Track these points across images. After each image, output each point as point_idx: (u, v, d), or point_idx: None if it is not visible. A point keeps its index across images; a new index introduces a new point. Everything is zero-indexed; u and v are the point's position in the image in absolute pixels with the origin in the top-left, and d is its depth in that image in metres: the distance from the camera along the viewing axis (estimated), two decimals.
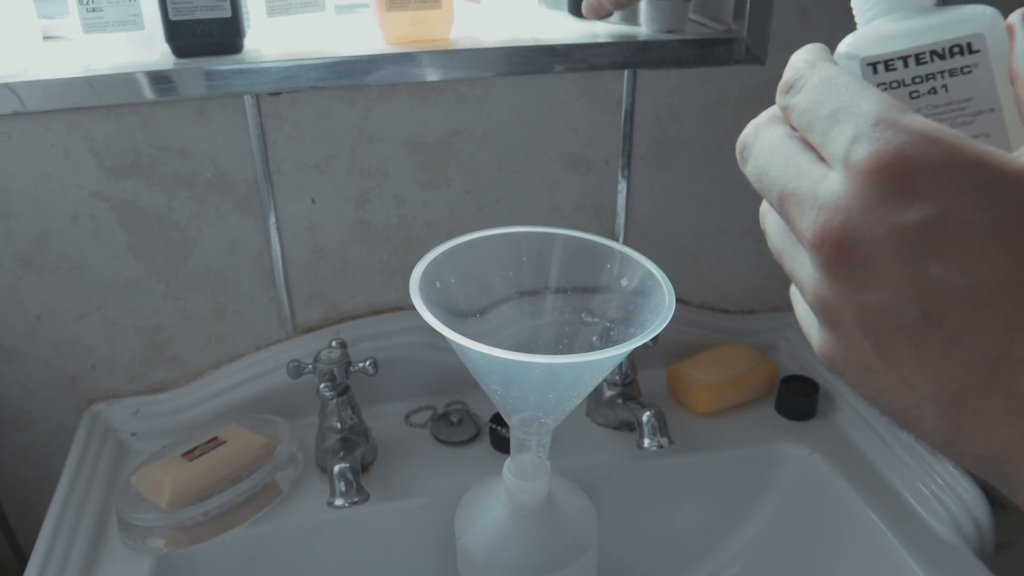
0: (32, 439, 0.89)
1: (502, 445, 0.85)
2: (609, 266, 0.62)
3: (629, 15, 0.88)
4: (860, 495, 0.78)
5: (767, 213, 0.31)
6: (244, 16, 0.76)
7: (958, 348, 0.24)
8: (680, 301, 0.55)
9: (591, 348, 0.64)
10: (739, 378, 0.90)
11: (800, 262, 0.28)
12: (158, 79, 0.73)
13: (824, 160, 0.26)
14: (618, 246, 0.62)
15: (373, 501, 0.75)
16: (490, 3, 0.82)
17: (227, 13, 0.74)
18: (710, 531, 0.88)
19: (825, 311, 0.26)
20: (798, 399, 0.89)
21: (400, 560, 0.81)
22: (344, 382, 0.79)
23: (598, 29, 0.84)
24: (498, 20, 0.83)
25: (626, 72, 0.83)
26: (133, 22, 0.73)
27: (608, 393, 0.86)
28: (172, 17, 0.72)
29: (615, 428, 0.88)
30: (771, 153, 0.28)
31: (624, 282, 0.62)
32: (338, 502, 0.73)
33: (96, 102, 0.73)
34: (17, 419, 0.87)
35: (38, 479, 0.91)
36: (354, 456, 0.78)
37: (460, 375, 0.89)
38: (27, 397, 0.86)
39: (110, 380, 0.87)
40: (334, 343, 0.80)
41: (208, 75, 0.73)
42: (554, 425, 0.61)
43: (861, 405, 0.87)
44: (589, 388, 0.59)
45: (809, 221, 0.25)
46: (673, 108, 0.86)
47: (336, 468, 0.74)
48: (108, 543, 0.74)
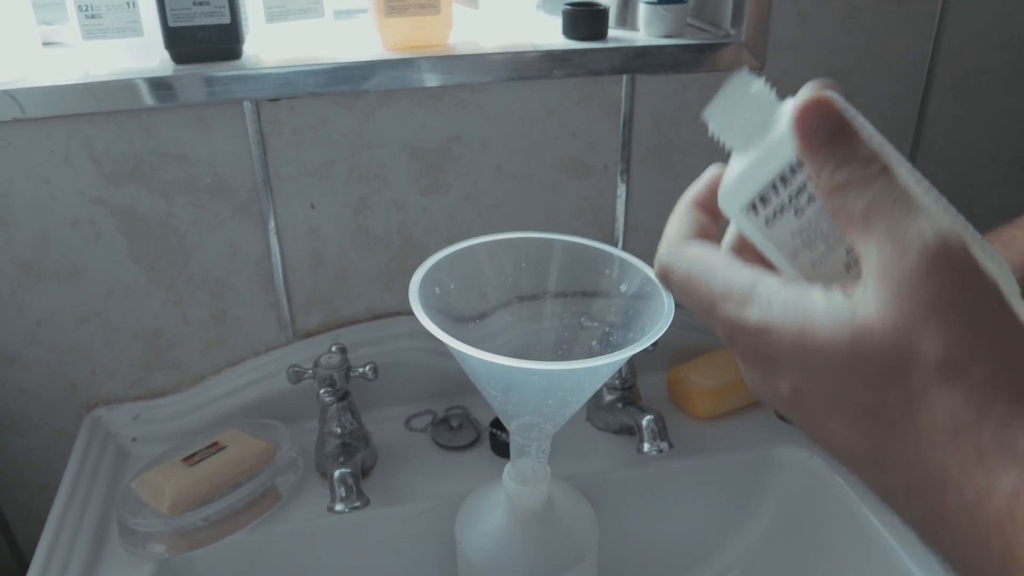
0: (33, 444, 0.89)
1: (502, 450, 0.85)
2: (608, 271, 0.62)
3: (628, 20, 0.88)
4: (860, 498, 0.78)
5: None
6: (243, 22, 0.76)
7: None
8: (679, 305, 0.55)
9: (590, 353, 0.65)
10: (739, 382, 0.90)
11: None
12: (157, 85, 0.73)
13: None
14: (617, 251, 0.62)
15: (373, 506, 0.75)
16: (489, 9, 0.82)
17: (226, 19, 0.74)
18: (710, 535, 0.88)
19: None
20: None
21: (401, 565, 0.81)
22: (344, 387, 0.79)
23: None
24: (497, 26, 0.83)
25: (625, 77, 0.83)
26: (132, 28, 0.73)
27: (608, 397, 0.86)
28: (171, 23, 0.73)
29: (615, 432, 0.88)
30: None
31: (623, 287, 0.62)
32: (338, 507, 0.74)
33: (96, 108, 0.73)
34: (18, 424, 0.87)
35: (39, 484, 0.91)
36: (354, 461, 0.78)
37: (460, 380, 0.89)
38: (28, 402, 0.86)
39: (110, 385, 0.87)
40: (334, 348, 0.81)
41: (207, 81, 0.73)
42: (554, 430, 0.61)
43: None
44: (589, 393, 0.59)
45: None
46: (672, 113, 0.86)
47: (336, 473, 0.75)
48: (108, 548, 0.74)
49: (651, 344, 0.53)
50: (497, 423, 0.86)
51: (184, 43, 0.74)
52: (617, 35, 0.85)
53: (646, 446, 0.80)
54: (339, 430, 0.80)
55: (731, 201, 0.33)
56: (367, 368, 0.79)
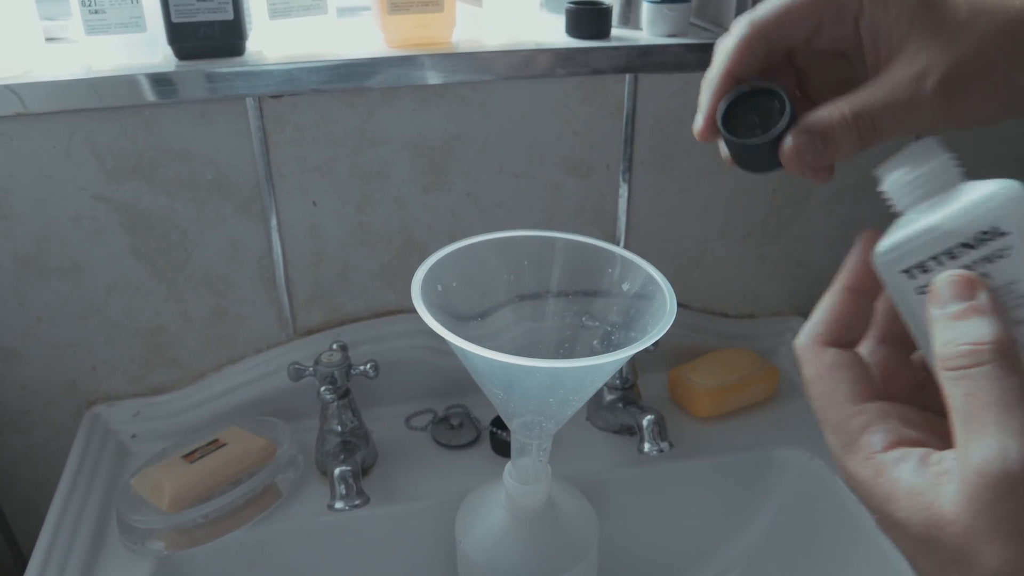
0: (32, 440, 0.89)
1: (503, 449, 0.85)
2: (610, 270, 0.62)
3: (631, 19, 0.88)
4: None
5: None
6: (246, 19, 0.76)
7: None
8: (680, 305, 0.55)
9: (592, 352, 0.64)
10: (739, 382, 0.90)
11: None
12: (160, 81, 0.73)
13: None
14: (619, 250, 0.62)
15: (373, 504, 0.75)
16: (492, 7, 0.82)
17: (229, 15, 0.74)
18: (710, 535, 0.88)
19: None
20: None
21: (400, 563, 0.81)
22: (345, 385, 0.79)
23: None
24: (500, 24, 0.83)
25: (627, 76, 0.83)
26: (135, 24, 0.73)
27: (609, 397, 0.86)
28: (174, 19, 0.73)
29: (615, 432, 0.88)
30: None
31: (625, 286, 0.62)
32: (338, 505, 0.73)
33: (98, 104, 0.73)
34: (17, 420, 0.87)
35: (38, 481, 0.91)
36: (354, 459, 0.78)
37: (461, 378, 0.89)
38: (27, 398, 0.86)
39: (111, 382, 0.87)
40: (335, 346, 0.80)
41: (210, 77, 0.73)
42: (555, 429, 0.61)
43: None
44: (590, 392, 0.59)
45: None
46: (674, 112, 0.86)
47: (336, 471, 0.74)
48: (108, 545, 0.74)
49: (652, 344, 0.53)
50: (497, 422, 0.86)
51: (187, 39, 0.74)
52: (620, 34, 0.85)
53: (647, 446, 0.79)
54: (339, 428, 0.80)
55: (889, 262, 0.33)
56: (368, 366, 0.79)
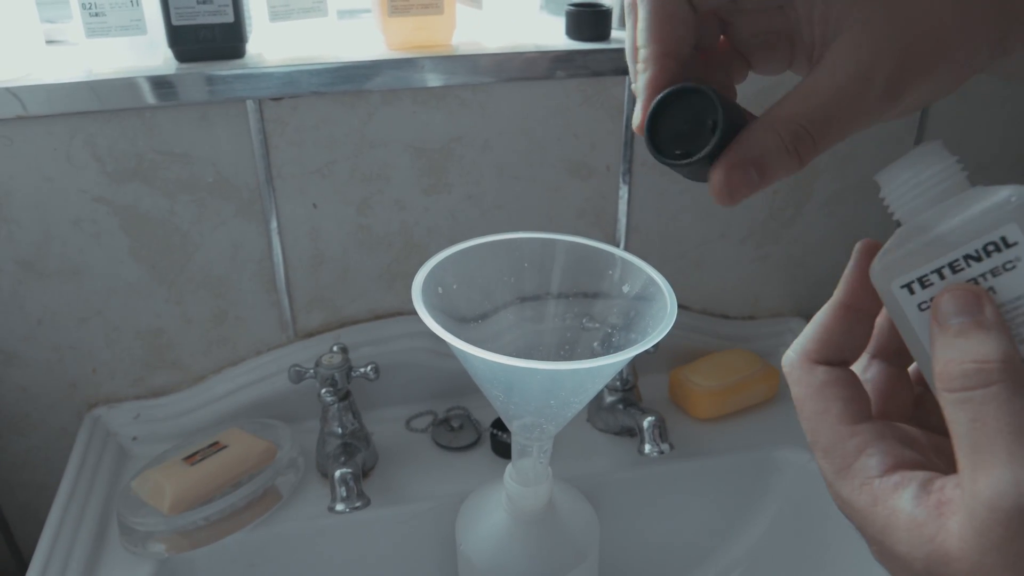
0: (33, 443, 0.89)
1: (503, 450, 0.85)
2: (611, 272, 0.62)
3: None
4: None
5: None
6: (246, 21, 0.76)
7: None
8: (681, 306, 0.55)
9: (592, 354, 0.65)
10: (740, 384, 0.90)
11: None
12: (160, 84, 0.73)
13: None
14: (620, 252, 0.62)
15: (374, 506, 0.75)
16: (492, 9, 0.82)
17: (229, 18, 0.74)
18: (710, 537, 0.88)
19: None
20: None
21: (401, 566, 0.81)
22: (345, 387, 0.79)
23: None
24: (500, 26, 0.83)
25: (628, 78, 0.83)
26: (136, 27, 0.73)
27: (609, 399, 0.86)
28: (175, 22, 0.73)
29: (616, 434, 0.88)
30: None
31: (626, 288, 0.62)
32: (339, 507, 0.74)
33: (98, 107, 0.73)
34: (18, 423, 0.87)
35: (38, 483, 0.91)
36: (355, 461, 0.78)
37: (461, 380, 0.89)
38: (28, 401, 0.86)
39: (111, 384, 0.87)
40: (335, 348, 0.80)
41: (210, 80, 0.73)
42: (556, 431, 0.61)
43: None
44: (591, 394, 0.59)
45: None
46: None
47: (337, 473, 0.75)
48: (109, 548, 0.74)
49: (653, 345, 0.53)
50: (498, 424, 0.86)
51: (187, 42, 0.74)
52: (620, 36, 0.85)
53: (647, 447, 0.80)
54: (340, 430, 0.80)
55: (888, 276, 0.31)
56: (368, 368, 0.79)
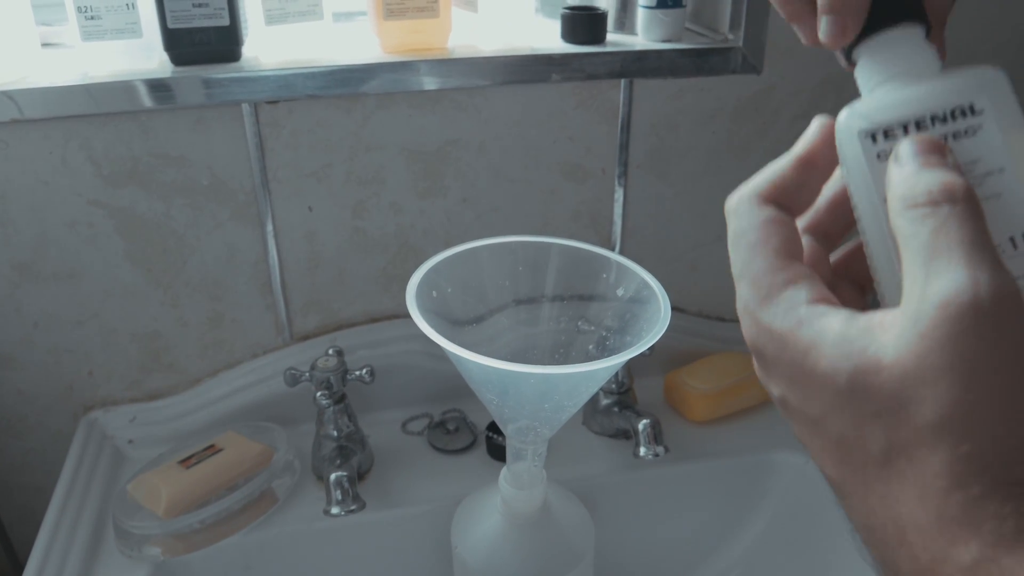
0: (29, 446, 0.89)
1: (499, 453, 0.85)
2: (605, 275, 0.62)
3: (627, 24, 0.88)
4: None
5: None
6: (242, 24, 0.76)
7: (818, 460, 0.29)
8: (676, 309, 0.56)
9: (587, 357, 0.65)
10: (735, 386, 0.90)
11: None
12: (156, 87, 0.73)
13: None
14: (614, 256, 0.62)
15: (369, 509, 0.75)
16: (488, 12, 0.82)
17: (225, 21, 0.74)
18: (706, 540, 0.88)
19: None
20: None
21: (396, 568, 0.81)
22: (341, 390, 0.79)
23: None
24: (495, 29, 0.83)
25: (623, 81, 0.84)
26: (131, 30, 0.73)
27: (604, 401, 0.86)
28: (170, 25, 0.73)
29: (611, 436, 0.88)
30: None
31: (620, 291, 0.62)
32: (334, 510, 0.74)
33: (94, 110, 0.73)
34: (14, 426, 0.87)
35: (35, 486, 0.91)
36: (351, 464, 0.78)
37: (457, 383, 0.89)
38: (24, 404, 0.86)
39: (107, 387, 0.87)
40: (331, 351, 0.81)
41: (206, 83, 0.73)
42: (550, 434, 0.61)
43: None
44: (585, 398, 0.59)
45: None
46: (670, 117, 0.87)
47: (332, 476, 0.75)
48: (105, 551, 0.74)
49: (647, 348, 0.53)
50: (493, 427, 0.86)
51: (183, 45, 0.74)
52: (615, 39, 0.85)
53: (642, 450, 0.80)
54: (335, 433, 0.80)
55: (852, 125, 0.31)
56: (364, 371, 0.79)
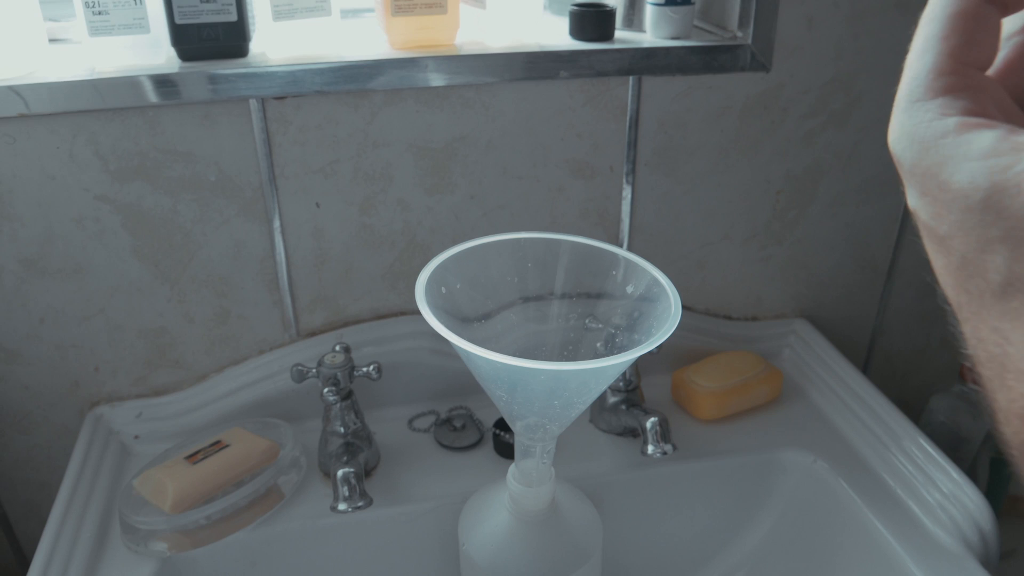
0: (35, 441, 0.89)
1: (505, 451, 0.85)
2: (615, 273, 0.62)
3: (635, 21, 0.88)
4: (864, 503, 0.78)
5: None
6: (250, 20, 0.76)
7: (957, 278, 0.26)
8: (684, 307, 0.55)
9: (595, 354, 0.64)
10: (743, 385, 0.90)
11: None
12: (163, 83, 0.73)
13: None
14: (625, 253, 0.62)
15: (376, 506, 0.75)
16: (496, 9, 0.82)
17: (233, 17, 0.74)
18: (713, 538, 0.88)
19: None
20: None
21: (403, 565, 0.81)
22: (348, 386, 0.79)
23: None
24: (504, 26, 0.83)
25: (631, 78, 0.83)
26: (139, 25, 0.73)
27: (612, 399, 0.86)
28: (178, 21, 0.73)
29: (618, 434, 0.88)
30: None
31: (630, 288, 0.62)
32: (341, 507, 0.73)
33: (101, 105, 0.73)
34: (20, 421, 0.87)
35: (40, 482, 0.91)
36: (357, 461, 0.78)
37: (463, 380, 0.89)
38: (30, 399, 0.86)
39: (113, 383, 0.87)
40: (338, 347, 0.80)
41: (213, 79, 0.73)
42: (559, 431, 0.61)
43: (865, 413, 0.87)
44: (595, 395, 0.59)
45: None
46: (678, 115, 0.86)
47: (339, 473, 0.74)
48: (111, 546, 0.74)
49: (656, 346, 0.53)
50: (500, 424, 0.86)
51: (190, 40, 0.74)
52: (624, 36, 0.85)
53: (650, 448, 0.79)
54: (342, 430, 0.80)
55: None
56: (371, 368, 0.79)
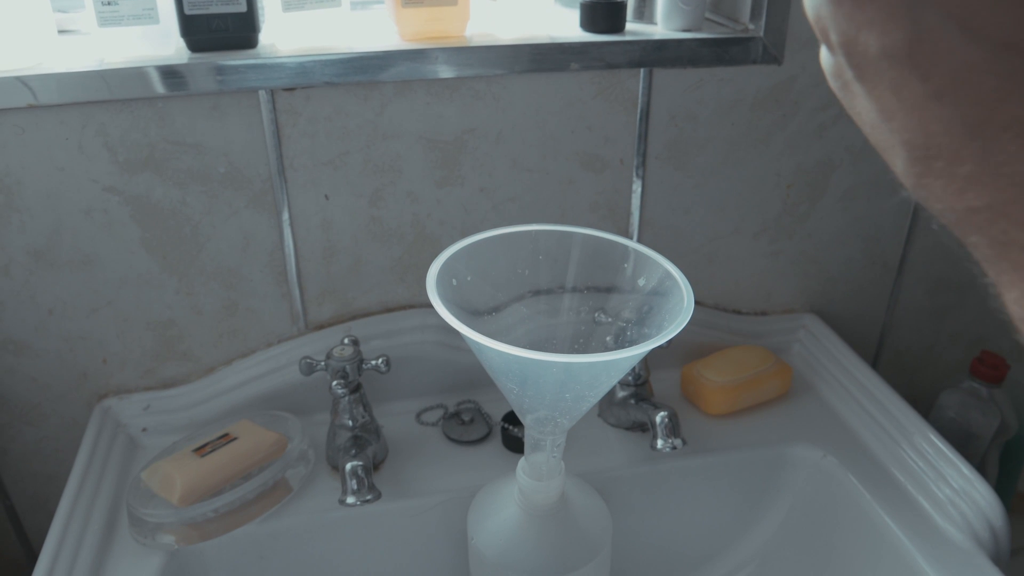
0: (43, 434, 0.89)
1: (514, 445, 0.84)
2: (626, 266, 0.62)
3: (646, 13, 0.87)
4: (874, 499, 0.78)
5: None
6: (259, 11, 0.76)
7: (938, 104, 0.23)
8: (694, 302, 0.55)
9: (606, 348, 0.64)
10: (752, 379, 0.90)
11: None
12: (172, 74, 0.72)
13: None
14: (637, 246, 0.61)
15: (384, 499, 0.75)
16: (506, 0, 0.82)
17: (242, 8, 0.74)
18: (723, 533, 0.87)
19: (816, 23, 0.26)
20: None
21: (411, 559, 0.81)
22: (356, 379, 0.79)
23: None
24: (514, 17, 0.82)
25: (642, 71, 0.83)
26: (148, 16, 0.73)
27: (621, 394, 0.86)
28: (187, 11, 0.72)
29: (628, 429, 0.87)
30: None
31: (641, 282, 0.61)
32: (350, 500, 0.73)
33: (110, 96, 0.72)
34: (28, 413, 0.87)
35: (48, 474, 0.91)
36: (365, 454, 0.77)
37: (472, 374, 0.89)
38: (38, 391, 0.86)
39: (121, 375, 0.86)
40: (346, 340, 0.80)
41: (222, 70, 0.73)
42: (569, 425, 0.61)
43: (875, 408, 0.87)
44: (606, 388, 0.59)
45: None
46: (689, 107, 0.86)
47: (348, 466, 0.74)
48: (118, 539, 0.74)
49: (666, 340, 0.52)
50: (508, 417, 0.86)
51: (200, 31, 0.73)
52: (635, 28, 0.85)
53: (659, 443, 0.79)
54: (351, 423, 0.79)
55: None
56: (379, 361, 0.79)
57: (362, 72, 0.76)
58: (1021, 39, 0.21)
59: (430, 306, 0.53)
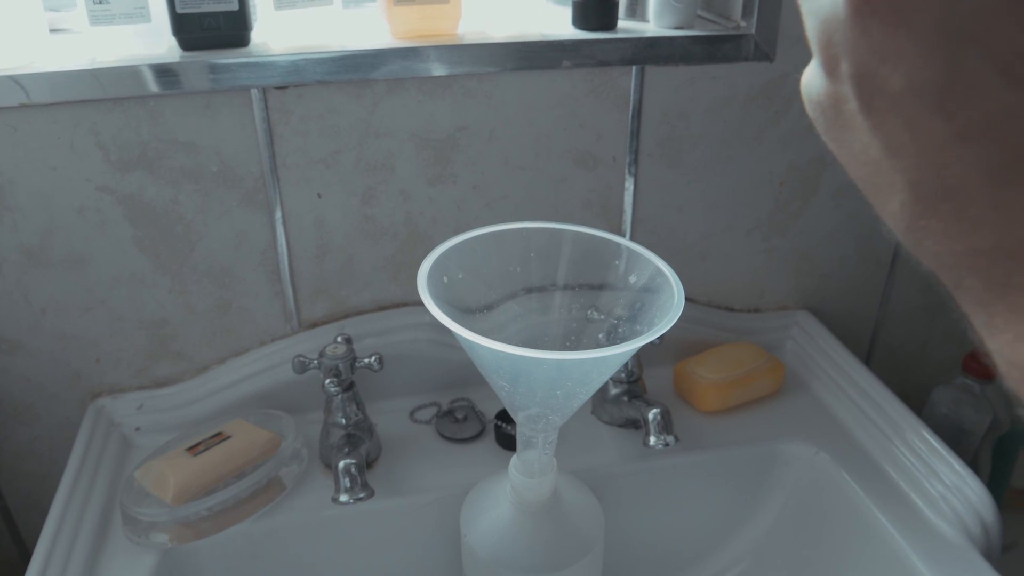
0: (36, 433, 0.89)
1: (507, 442, 0.84)
2: (618, 263, 0.62)
3: (638, 11, 0.87)
4: (866, 495, 0.78)
5: None
6: (251, 10, 0.76)
7: (962, 145, 0.22)
8: (686, 299, 0.55)
9: (598, 345, 0.64)
10: (745, 376, 0.90)
11: None
12: (164, 72, 0.72)
13: None
14: (628, 243, 0.61)
15: (378, 497, 0.75)
16: None
17: (234, 6, 0.73)
18: (715, 529, 0.88)
19: (824, 48, 0.23)
20: None
21: (405, 557, 0.81)
22: (349, 378, 0.79)
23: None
24: (506, 15, 0.82)
25: (634, 68, 0.83)
26: (140, 15, 0.73)
27: (613, 391, 0.86)
28: (179, 10, 0.72)
29: (620, 426, 0.87)
30: None
31: (633, 279, 0.61)
32: (343, 498, 0.73)
33: (102, 95, 0.72)
34: (21, 413, 0.87)
35: (41, 473, 0.91)
36: (359, 452, 0.77)
37: (465, 371, 0.89)
38: (31, 391, 0.86)
39: (114, 374, 0.86)
40: (339, 339, 0.80)
41: (214, 68, 0.73)
42: (561, 422, 0.61)
43: (868, 405, 0.87)
44: (597, 385, 0.59)
45: None
46: (681, 105, 0.86)
47: (341, 464, 0.74)
48: (112, 538, 0.74)
49: (658, 337, 0.52)
50: (501, 415, 0.86)
51: (192, 30, 0.73)
52: (627, 26, 0.85)
53: (652, 440, 0.79)
54: (344, 421, 0.79)
55: None
56: (372, 359, 0.79)
57: (354, 70, 0.76)
58: None
59: (423, 304, 0.53)
